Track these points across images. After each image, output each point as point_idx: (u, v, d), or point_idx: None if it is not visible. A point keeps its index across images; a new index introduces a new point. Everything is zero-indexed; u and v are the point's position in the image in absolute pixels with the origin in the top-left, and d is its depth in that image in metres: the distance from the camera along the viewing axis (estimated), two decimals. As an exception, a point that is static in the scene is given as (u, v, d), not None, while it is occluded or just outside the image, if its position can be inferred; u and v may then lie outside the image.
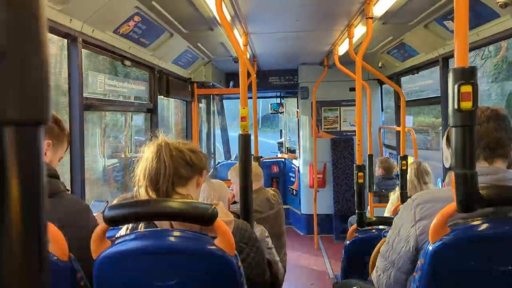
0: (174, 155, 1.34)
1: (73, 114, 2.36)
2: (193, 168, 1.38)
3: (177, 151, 1.36)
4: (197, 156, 1.40)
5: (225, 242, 1.20)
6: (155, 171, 1.32)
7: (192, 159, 1.37)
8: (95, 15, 2.39)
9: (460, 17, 1.19)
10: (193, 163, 1.37)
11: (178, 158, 1.35)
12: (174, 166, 1.33)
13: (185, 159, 1.36)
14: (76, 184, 2.38)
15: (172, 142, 1.38)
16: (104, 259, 1.21)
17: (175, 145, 1.38)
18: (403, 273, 1.45)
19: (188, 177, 1.37)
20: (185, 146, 1.40)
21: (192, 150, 1.39)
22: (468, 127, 1.17)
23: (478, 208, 1.20)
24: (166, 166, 1.32)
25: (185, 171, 1.36)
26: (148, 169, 1.33)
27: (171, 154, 1.34)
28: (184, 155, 1.36)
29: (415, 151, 4.41)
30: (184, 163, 1.36)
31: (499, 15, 2.69)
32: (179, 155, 1.36)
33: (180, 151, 1.36)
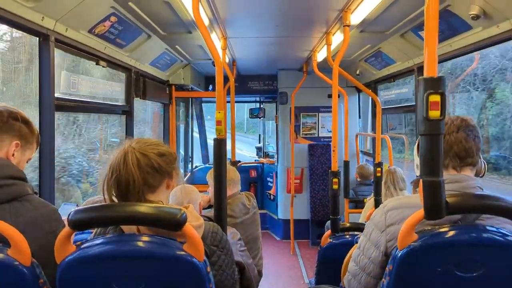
0: (141, 165, 1.30)
1: (44, 114, 2.30)
2: (161, 174, 1.34)
3: (144, 158, 1.31)
4: (165, 159, 1.36)
5: (194, 248, 1.18)
6: (125, 183, 1.28)
7: (160, 165, 1.33)
8: (69, 14, 2.34)
9: (430, 28, 1.22)
10: (161, 169, 1.34)
11: (145, 167, 1.30)
12: (142, 177, 1.29)
13: (152, 167, 1.32)
14: (45, 187, 2.31)
15: (139, 147, 1.33)
16: (69, 263, 1.18)
17: (142, 149, 1.33)
18: (373, 278, 1.47)
19: (157, 185, 1.34)
20: (152, 149, 1.35)
21: (159, 154, 1.35)
22: (435, 136, 1.19)
23: (445, 215, 1.22)
24: (135, 178, 1.28)
25: (154, 179, 1.32)
26: (116, 180, 1.28)
27: (138, 163, 1.29)
28: (151, 161, 1.32)
29: (390, 158, 4.48)
30: (152, 171, 1.32)
31: (471, 26, 2.76)
32: (146, 162, 1.31)
33: (148, 158, 1.32)
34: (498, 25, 2.52)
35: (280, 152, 6.52)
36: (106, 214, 1.18)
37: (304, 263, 5.39)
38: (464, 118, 1.47)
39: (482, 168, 1.52)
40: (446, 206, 1.21)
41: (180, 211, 1.17)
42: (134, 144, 1.34)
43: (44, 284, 1.23)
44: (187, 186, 2.42)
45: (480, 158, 1.49)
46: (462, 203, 1.25)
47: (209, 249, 1.38)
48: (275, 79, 6.54)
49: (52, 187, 2.33)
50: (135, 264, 1.18)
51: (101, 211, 1.19)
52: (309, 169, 6.22)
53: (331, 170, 2.94)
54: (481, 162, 1.50)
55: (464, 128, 1.44)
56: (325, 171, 6.14)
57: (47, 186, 2.32)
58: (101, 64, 3.08)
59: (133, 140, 1.38)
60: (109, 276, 1.18)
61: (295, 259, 5.59)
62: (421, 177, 1.22)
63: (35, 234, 1.42)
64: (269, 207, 6.89)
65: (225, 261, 1.44)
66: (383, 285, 1.34)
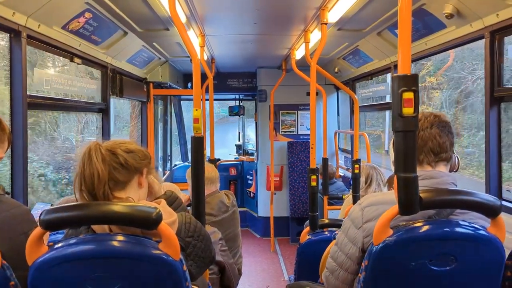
0: (106, 159, 1.29)
1: (15, 112, 2.23)
2: (129, 170, 1.33)
3: (109, 154, 1.30)
4: (133, 156, 1.34)
5: (169, 246, 1.17)
6: (89, 177, 1.27)
7: (127, 161, 1.32)
8: (42, 9, 2.27)
9: (403, 27, 1.23)
10: (128, 165, 1.32)
11: (111, 162, 1.29)
12: (108, 171, 1.28)
13: (119, 162, 1.31)
14: (17, 187, 2.25)
15: (105, 145, 1.32)
16: (41, 264, 1.15)
17: (109, 146, 1.32)
18: (350, 273, 1.48)
19: (126, 180, 1.33)
20: (120, 146, 1.34)
21: (128, 150, 1.34)
22: (409, 132, 1.21)
23: (418, 210, 1.24)
24: (99, 171, 1.26)
25: (121, 175, 1.31)
26: (81, 174, 1.28)
27: (103, 158, 1.28)
28: (117, 157, 1.31)
29: (368, 154, 4.53)
30: (119, 167, 1.31)
31: (446, 25, 2.82)
32: (112, 158, 1.30)
33: (113, 154, 1.31)
34: (471, 24, 2.57)
35: (259, 149, 6.53)
36: (78, 213, 1.15)
37: (284, 260, 5.42)
38: (437, 114, 1.50)
39: (456, 163, 1.55)
40: (420, 201, 1.23)
41: (155, 209, 1.15)
42: (101, 143, 1.33)
43: (15, 286, 1.20)
44: (167, 184, 2.40)
45: (454, 153, 1.52)
46: (436, 198, 1.27)
47: (184, 242, 1.37)
48: (254, 77, 6.54)
49: (25, 187, 2.27)
50: (110, 264, 1.16)
51: (73, 210, 1.16)
52: (288, 167, 6.25)
53: (309, 167, 2.95)
54: (455, 157, 1.53)
55: (437, 124, 1.46)
56: (305, 168, 6.18)
57: (20, 186, 2.26)
58: (75, 61, 3.01)
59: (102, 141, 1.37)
60: (83, 277, 1.15)
61: (275, 256, 5.61)
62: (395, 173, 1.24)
63: (7, 235, 1.38)
64: (249, 204, 6.90)
65: (201, 247, 1.43)
66: (359, 280, 1.36)
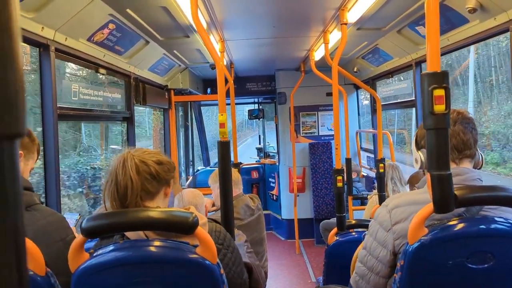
0: (140, 170, 1.32)
1: (47, 124, 2.30)
2: (159, 181, 1.36)
3: (143, 164, 1.34)
4: (163, 168, 1.38)
5: (207, 250, 1.19)
6: (123, 187, 1.30)
7: (158, 173, 1.36)
8: (68, 23, 2.34)
9: (431, 23, 1.22)
10: (159, 176, 1.36)
11: (144, 173, 1.33)
12: (141, 182, 1.32)
13: (151, 173, 1.34)
14: (51, 196, 2.32)
15: (138, 154, 1.36)
16: (83, 271, 1.18)
17: (141, 157, 1.35)
18: (382, 277, 1.47)
19: (155, 191, 1.36)
20: (151, 157, 1.37)
21: (158, 162, 1.37)
22: (441, 130, 1.20)
23: (454, 208, 1.23)
24: (133, 182, 1.30)
25: (152, 186, 1.34)
26: (115, 184, 1.31)
27: (137, 169, 1.32)
28: (150, 168, 1.34)
29: (391, 154, 4.49)
30: (151, 178, 1.34)
31: (468, 20, 2.78)
32: (145, 169, 1.34)
33: (146, 165, 1.34)
34: (495, 17, 2.53)
35: (281, 152, 6.53)
36: (118, 220, 1.19)
37: (310, 262, 5.40)
38: (460, 111, 1.49)
39: (480, 160, 1.53)
40: (455, 199, 1.22)
41: (191, 214, 1.17)
42: (133, 152, 1.37)
43: (59, 293, 1.24)
44: (193, 190, 2.43)
45: (478, 150, 1.50)
46: (471, 196, 1.26)
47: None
48: (273, 80, 6.55)
49: (58, 196, 2.34)
50: (149, 269, 1.19)
51: (113, 217, 1.19)
52: (310, 168, 6.23)
53: (334, 168, 2.94)
54: (479, 154, 1.51)
55: (461, 121, 1.45)
56: (327, 170, 6.15)
57: (53, 195, 2.33)
58: (100, 71, 3.09)
59: (132, 148, 1.41)
60: (124, 283, 1.18)
61: (301, 259, 5.60)
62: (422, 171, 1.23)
63: (46, 243, 1.43)
64: (272, 207, 6.89)
65: (232, 259, 1.44)
66: (395, 281, 1.35)
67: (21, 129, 0.33)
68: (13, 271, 0.33)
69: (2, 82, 0.32)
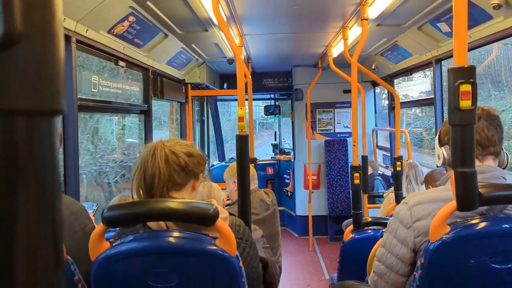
0: (169, 160, 1.32)
1: (67, 115, 2.33)
2: (188, 173, 1.36)
3: (172, 155, 1.34)
4: (193, 160, 1.37)
5: (226, 243, 1.18)
6: (150, 175, 1.31)
7: (187, 164, 1.35)
8: (89, 14, 2.36)
9: (459, 17, 1.20)
10: (188, 168, 1.35)
11: (173, 164, 1.33)
12: (168, 172, 1.32)
13: (179, 165, 1.34)
14: (70, 186, 2.35)
15: (169, 145, 1.36)
16: (103, 260, 1.19)
17: (171, 147, 1.35)
18: (401, 275, 1.44)
19: (183, 183, 1.36)
20: (182, 148, 1.37)
21: (188, 154, 1.37)
22: (467, 126, 1.17)
23: (478, 206, 1.20)
24: (161, 171, 1.31)
25: (179, 177, 1.34)
26: (143, 172, 1.32)
27: (166, 159, 1.32)
28: (179, 159, 1.34)
29: (408, 152, 4.43)
30: (179, 169, 1.34)
31: (492, 16, 2.72)
32: (174, 160, 1.33)
33: (176, 155, 1.34)
34: (521, 14, 2.47)
35: (296, 148, 6.51)
36: (139, 210, 1.19)
37: (323, 259, 5.38)
38: (485, 108, 1.45)
39: (505, 159, 1.49)
40: (479, 197, 1.19)
41: (212, 206, 1.17)
42: (165, 141, 1.37)
43: (79, 281, 1.25)
44: (211, 183, 2.44)
45: (503, 149, 1.46)
46: (496, 194, 1.23)
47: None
48: (290, 76, 6.52)
49: (77, 186, 2.37)
50: (168, 260, 1.19)
51: (134, 207, 1.20)
52: (326, 165, 6.19)
53: (352, 165, 2.92)
54: (504, 153, 1.47)
55: (485, 117, 1.41)
56: (342, 167, 6.11)
57: (72, 185, 2.36)
58: (120, 64, 3.11)
59: (165, 139, 1.41)
60: (144, 273, 1.19)
61: (315, 255, 5.58)
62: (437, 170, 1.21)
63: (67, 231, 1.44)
64: (286, 204, 6.88)
65: (250, 254, 1.44)
66: (415, 279, 1.33)
67: (60, 106, 0.33)
68: (50, 251, 0.33)
69: (42, 57, 0.32)
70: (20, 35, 0.30)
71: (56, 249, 0.33)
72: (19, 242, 0.30)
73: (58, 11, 0.32)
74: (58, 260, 0.33)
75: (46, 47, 0.32)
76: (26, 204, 0.31)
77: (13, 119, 0.31)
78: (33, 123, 0.32)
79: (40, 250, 0.32)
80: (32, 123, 0.32)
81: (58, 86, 0.32)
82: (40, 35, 0.31)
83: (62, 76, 0.33)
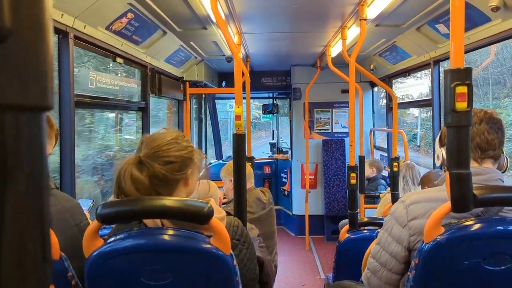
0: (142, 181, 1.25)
1: (64, 111, 2.32)
2: (168, 183, 1.30)
3: (146, 170, 1.26)
4: (172, 167, 1.29)
5: (221, 241, 1.18)
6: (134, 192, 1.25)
7: (165, 176, 1.28)
8: (88, 10, 2.35)
9: (456, 18, 1.20)
10: (166, 178, 1.28)
11: (149, 180, 1.26)
12: (150, 186, 1.26)
13: (157, 177, 1.26)
14: (66, 182, 2.34)
15: (145, 154, 1.27)
16: (97, 257, 1.19)
17: (147, 158, 1.27)
18: (394, 273, 1.45)
19: (169, 191, 1.31)
20: (160, 158, 1.28)
21: (166, 162, 1.28)
22: (463, 128, 1.17)
23: (472, 208, 1.21)
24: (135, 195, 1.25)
25: (161, 189, 1.28)
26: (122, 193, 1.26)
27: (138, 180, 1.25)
28: (155, 172, 1.26)
29: (406, 153, 4.44)
30: (158, 182, 1.27)
31: (490, 19, 2.72)
32: (150, 175, 1.26)
33: (152, 169, 1.26)
34: (519, 16, 2.47)
35: (294, 148, 6.51)
36: (134, 207, 1.19)
37: (319, 259, 5.39)
38: (488, 111, 1.45)
39: (505, 163, 1.49)
40: (474, 198, 1.19)
41: (206, 204, 1.17)
42: (142, 151, 1.29)
43: (73, 277, 1.25)
44: (208, 181, 2.43)
45: (503, 153, 1.46)
46: (490, 196, 1.23)
47: (232, 243, 1.39)
48: (288, 75, 6.52)
49: (73, 183, 2.36)
50: (162, 258, 1.19)
51: (129, 205, 1.20)
52: (323, 165, 6.20)
53: (348, 165, 2.92)
54: (504, 157, 1.48)
55: (487, 120, 1.41)
56: (340, 167, 6.11)
57: (68, 181, 2.35)
58: (117, 61, 3.10)
59: (146, 140, 1.32)
60: (138, 270, 1.19)
61: (311, 255, 5.59)
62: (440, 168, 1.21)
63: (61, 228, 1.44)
64: (283, 203, 6.89)
65: (247, 255, 1.44)
66: (409, 279, 1.33)
67: (49, 102, 0.33)
68: (37, 245, 0.32)
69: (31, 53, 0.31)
70: (9, 30, 0.30)
71: (44, 244, 0.33)
72: (6, 237, 0.30)
73: (47, 6, 0.32)
74: (46, 255, 0.33)
75: (35, 43, 0.32)
76: (13, 199, 0.31)
77: (1, 115, 0.31)
78: (22, 118, 0.32)
79: (27, 245, 0.32)
80: (21, 118, 0.31)
81: (47, 82, 0.32)
82: (29, 31, 0.31)
83: (51, 72, 0.33)
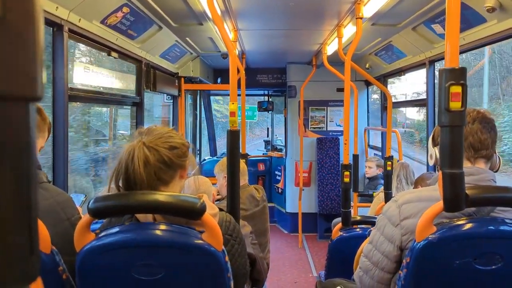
0: (150, 162, 1.25)
1: (58, 104, 2.30)
2: (173, 168, 1.31)
3: (154, 154, 1.26)
4: (177, 152, 1.31)
5: (213, 237, 1.18)
6: (133, 181, 1.25)
7: (171, 159, 1.29)
8: (83, 4, 2.33)
9: (451, 18, 1.20)
10: (172, 162, 1.30)
11: (156, 162, 1.26)
12: (152, 173, 1.26)
13: (163, 161, 1.28)
14: (58, 176, 2.33)
15: (149, 140, 1.28)
16: (88, 251, 1.18)
17: (153, 143, 1.28)
18: (386, 272, 1.45)
19: (170, 179, 1.31)
20: (164, 144, 1.29)
21: (171, 147, 1.30)
22: (456, 127, 1.18)
23: (464, 207, 1.21)
24: (144, 178, 1.24)
25: (166, 174, 1.29)
26: (125, 177, 1.26)
27: (147, 160, 1.25)
28: (161, 156, 1.27)
29: (399, 152, 4.46)
30: (164, 166, 1.28)
31: (486, 19, 2.73)
32: (158, 158, 1.27)
33: (158, 152, 1.27)
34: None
35: (288, 145, 6.51)
36: (126, 202, 1.18)
37: (312, 257, 5.40)
38: (481, 111, 1.46)
39: (497, 163, 1.50)
40: (466, 198, 1.20)
41: (199, 200, 1.17)
42: (145, 138, 1.29)
43: (63, 272, 1.24)
44: (201, 177, 2.43)
45: (496, 152, 1.47)
46: (483, 196, 1.24)
47: (224, 238, 1.39)
48: (284, 73, 6.52)
49: (65, 177, 2.35)
50: (154, 253, 1.19)
51: (121, 199, 1.19)
52: (317, 163, 6.21)
53: (342, 163, 2.93)
54: (496, 156, 1.48)
55: (480, 120, 1.42)
56: (334, 165, 6.13)
57: (61, 175, 2.34)
58: (112, 55, 3.08)
59: (144, 131, 1.34)
60: (128, 265, 1.18)
61: (303, 253, 5.60)
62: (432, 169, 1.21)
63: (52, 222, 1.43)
64: (277, 200, 6.90)
65: (238, 250, 1.44)
66: (400, 277, 1.34)
67: (37, 92, 0.32)
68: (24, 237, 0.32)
69: (20, 43, 0.31)
70: None
71: (31, 236, 0.32)
72: None
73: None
74: (33, 247, 0.32)
75: (25, 33, 0.31)
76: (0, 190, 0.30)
77: None
78: (9, 108, 0.31)
79: (14, 237, 0.31)
80: (8, 108, 0.31)
81: (36, 73, 0.32)
82: (18, 21, 0.31)
83: (40, 63, 0.32)
